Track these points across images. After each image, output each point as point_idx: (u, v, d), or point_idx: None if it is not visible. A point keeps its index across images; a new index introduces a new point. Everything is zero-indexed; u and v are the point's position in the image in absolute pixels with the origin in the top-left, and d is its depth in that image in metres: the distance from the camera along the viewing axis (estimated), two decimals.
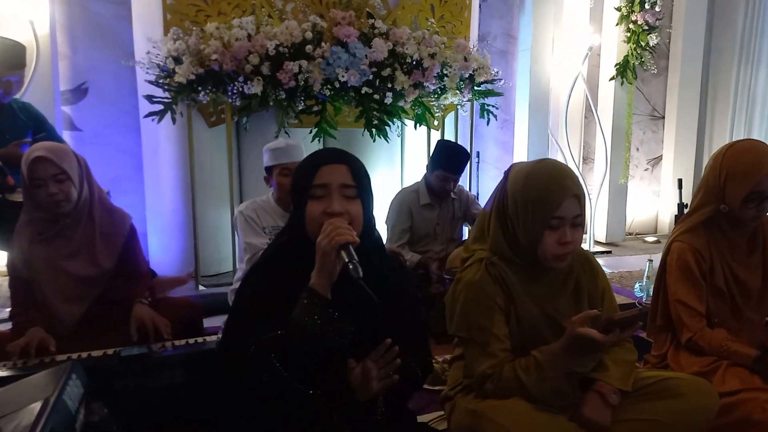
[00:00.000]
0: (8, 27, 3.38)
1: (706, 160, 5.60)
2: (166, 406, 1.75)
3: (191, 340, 1.94)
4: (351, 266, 1.13)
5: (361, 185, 1.28)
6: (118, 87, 3.93)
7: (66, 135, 3.88)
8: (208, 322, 2.49)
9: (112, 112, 4.01)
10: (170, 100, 3.09)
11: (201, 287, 3.54)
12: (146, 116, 3.15)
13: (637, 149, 5.50)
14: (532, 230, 1.42)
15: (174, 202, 3.70)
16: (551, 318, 1.49)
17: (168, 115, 3.12)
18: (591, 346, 1.35)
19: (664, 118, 5.55)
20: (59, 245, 1.98)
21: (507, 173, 1.55)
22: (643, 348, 2.06)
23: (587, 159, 5.32)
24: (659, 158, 5.62)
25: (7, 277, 2.03)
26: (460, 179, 3.28)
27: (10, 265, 2.00)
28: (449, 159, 3.06)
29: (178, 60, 3.03)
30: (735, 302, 1.86)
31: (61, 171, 1.90)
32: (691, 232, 1.86)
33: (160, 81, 3.10)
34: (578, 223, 1.43)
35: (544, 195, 1.40)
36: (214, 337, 1.97)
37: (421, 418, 1.87)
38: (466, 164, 3.16)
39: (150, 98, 3.11)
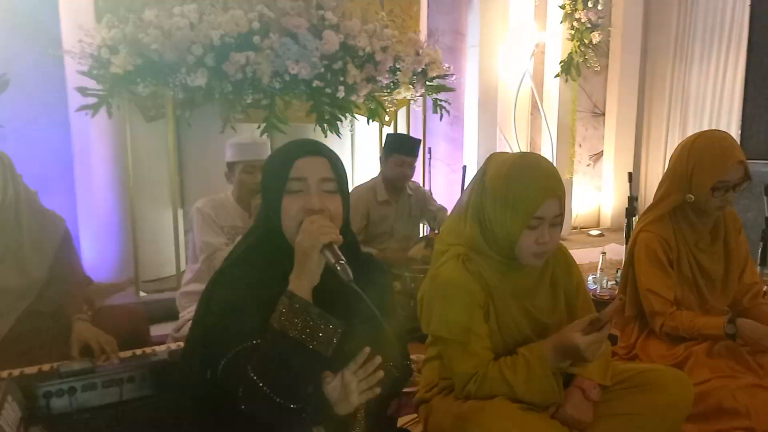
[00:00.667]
0: None
1: (644, 155, 5.82)
2: (114, 427, 1.58)
3: (138, 352, 1.77)
4: (339, 268, 1.04)
5: (340, 179, 1.18)
6: (43, 79, 3.60)
7: None
8: (154, 331, 2.31)
9: (37, 107, 3.67)
10: (106, 93, 2.86)
11: (141, 293, 3.31)
12: (78, 110, 2.90)
13: (580, 145, 5.63)
14: (511, 229, 1.37)
15: (109, 202, 3.46)
16: (529, 313, 1.45)
17: (103, 109, 2.88)
18: (575, 352, 1.33)
19: (604, 114, 5.71)
20: None
21: (485, 165, 1.48)
22: (611, 341, 2.07)
23: None
24: (600, 154, 5.78)
25: None
26: (414, 176, 3.22)
27: None
28: (401, 143, 3.05)
29: (114, 50, 2.80)
30: (700, 290, 1.90)
31: None
32: (658, 222, 1.89)
33: (95, 72, 2.86)
34: (557, 222, 1.39)
35: (525, 195, 1.35)
36: (163, 347, 1.81)
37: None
38: (419, 149, 3.11)
39: (83, 90, 2.87)
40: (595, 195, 5.84)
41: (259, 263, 1.17)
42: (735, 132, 4.65)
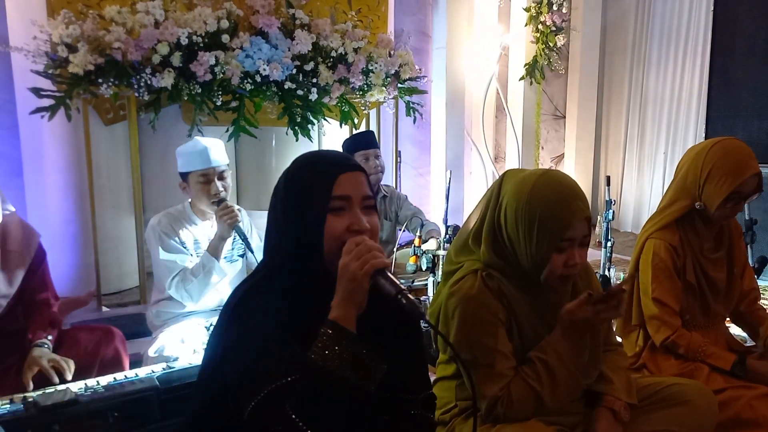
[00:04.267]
0: None
1: (603, 158, 5.94)
2: None
3: (119, 376, 1.63)
4: (404, 300, 0.95)
5: (375, 196, 1.14)
6: None
7: None
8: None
9: None
10: (63, 94, 2.66)
11: (104, 308, 3.11)
12: (33, 112, 2.69)
13: (542, 148, 5.69)
14: (537, 253, 1.31)
15: (64, 211, 3.24)
16: (553, 327, 1.39)
17: (61, 112, 2.69)
18: (585, 323, 1.31)
19: (565, 117, 5.79)
20: None
21: (500, 183, 1.41)
22: None
23: (498, 158, 5.42)
24: (561, 156, 5.87)
25: None
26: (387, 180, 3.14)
27: None
28: (358, 139, 3.01)
29: (72, 48, 2.61)
30: (704, 298, 1.87)
31: None
32: (666, 228, 1.85)
33: (51, 72, 2.66)
34: (586, 242, 1.35)
35: (553, 217, 1.29)
36: (146, 370, 1.67)
37: None
38: (375, 139, 3.08)
39: (38, 91, 2.66)
40: None
41: (283, 288, 1.06)
42: (698, 134, 4.79)
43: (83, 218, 3.22)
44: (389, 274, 0.98)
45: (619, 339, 2.06)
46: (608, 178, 3.30)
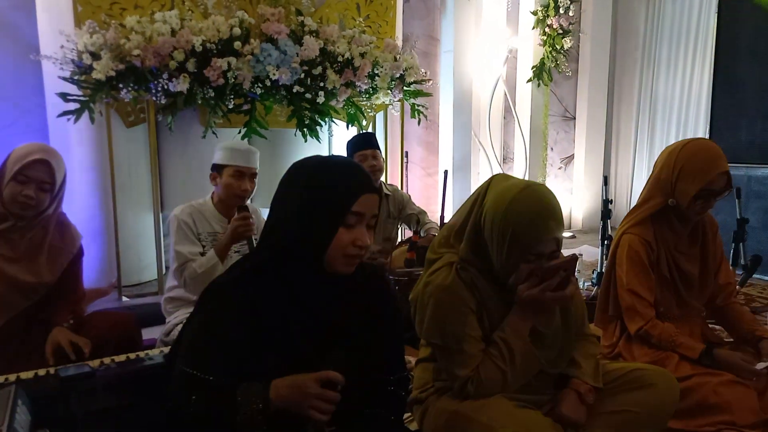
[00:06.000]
0: None
1: (614, 158, 6.00)
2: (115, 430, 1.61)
3: (132, 356, 1.80)
4: None
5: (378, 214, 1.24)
6: (20, 84, 3.56)
7: None
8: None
9: (13, 112, 3.63)
10: (87, 99, 2.86)
11: (124, 298, 3.31)
12: (60, 116, 2.90)
13: (551, 149, 5.78)
14: (506, 262, 1.41)
15: (90, 208, 3.45)
16: None
17: (86, 115, 2.89)
18: (538, 304, 1.40)
19: (575, 118, 5.87)
20: (0, 246, 1.82)
21: (487, 187, 1.50)
22: None
23: (507, 159, 5.52)
24: (571, 157, 5.94)
25: None
26: (388, 178, 3.26)
27: None
28: (357, 140, 3.11)
29: (95, 55, 2.81)
30: (678, 291, 1.97)
31: (51, 182, 1.83)
32: (641, 224, 1.96)
33: (76, 78, 2.86)
34: (555, 257, 1.42)
35: (523, 237, 1.36)
36: (156, 351, 1.84)
37: None
38: (375, 140, 3.16)
39: (65, 96, 2.87)
40: (567, 198, 5.99)
41: (267, 284, 1.16)
42: (706, 135, 4.82)
43: (106, 214, 3.42)
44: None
45: (598, 329, 2.19)
46: (605, 178, 3.41)
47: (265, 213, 3.46)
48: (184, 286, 2.25)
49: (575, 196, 5.96)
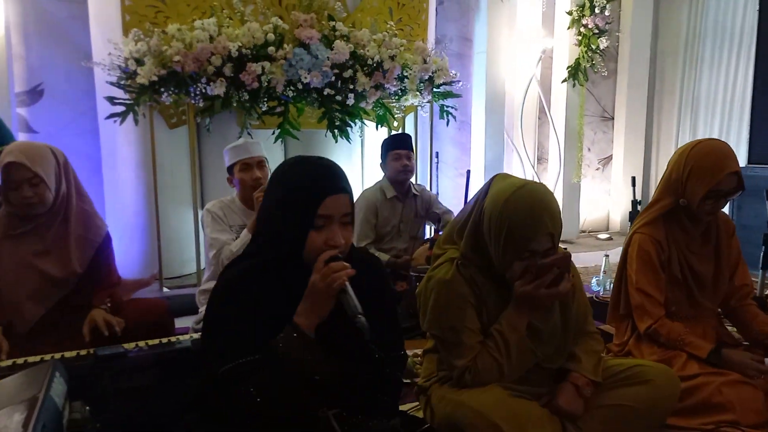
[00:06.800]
0: None
1: (654, 159, 5.88)
2: (142, 406, 1.75)
3: (164, 340, 1.95)
4: (357, 323, 1.13)
5: (354, 210, 1.27)
6: (75, 88, 3.84)
7: (22, 137, 3.78)
8: (176, 323, 2.48)
9: (69, 114, 3.92)
10: (132, 102, 3.07)
11: (165, 289, 3.52)
12: (107, 118, 3.12)
13: (589, 149, 5.72)
14: (502, 257, 1.47)
15: (135, 204, 3.67)
16: None
17: (130, 117, 3.09)
18: (532, 300, 1.44)
19: (613, 119, 5.79)
20: (31, 242, 1.96)
21: (488, 185, 1.55)
22: (603, 338, 2.18)
23: (542, 159, 5.50)
24: (609, 158, 5.86)
25: None
26: (418, 179, 3.33)
27: None
28: (393, 140, 3.25)
29: (139, 61, 3.01)
30: (690, 290, 1.98)
31: (35, 175, 1.87)
32: (652, 224, 1.98)
33: (122, 82, 3.07)
34: (549, 254, 1.46)
35: (519, 232, 1.41)
36: (186, 337, 1.98)
37: None
38: (411, 141, 3.29)
39: (111, 99, 3.08)
40: (605, 199, 5.91)
41: (268, 279, 1.23)
42: (744, 137, 4.72)
43: (150, 211, 3.64)
44: (352, 297, 1.14)
45: (612, 328, 2.21)
46: (633, 179, 3.39)
47: None
48: (221, 267, 2.42)
49: (613, 198, 5.87)
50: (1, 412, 1.18)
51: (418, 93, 3.64)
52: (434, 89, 3.78)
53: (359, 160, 4.23)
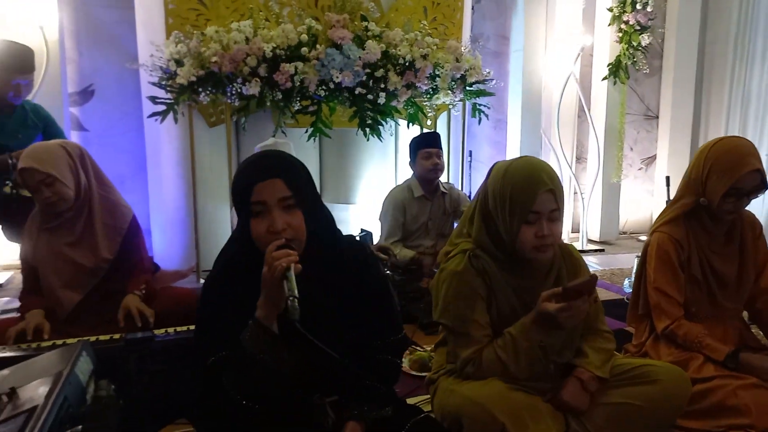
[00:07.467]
0: (21, 32, 3.53)
1: None
2: (165, 388, 1.86)
3: (191, 327, 2.05)
4: (289, 303, 1.12)
5: (298, 194, 1.25)
6: (122, 89, 4.07)
7: (74, 135, 4.03)
8: None
9: (116, 114, 4.15)
10: (172, 101, 3.22)
11: (202, 281, 3.67)
12: (149, 116, 3.28)
13: (631, 149, 5.59)
14: (510, 225, 1.49)
15: (176, 199, 3.83)
16: (530, 309, 1.54)
17: (170, 116, 3.24)
18: (552, 320, 1.44)
19: (657, 117, 5.63)
20: (62, 234, 2.10)
21: (490, 170, 1.61)
22: (622, 339, 2.15)
23: (580, 158, 5.41)
24: (653, 157, 5.70)
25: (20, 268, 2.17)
26: (449, 178, 3.35)
27: (22, 252, 2.14)
28: (421, 138, 3.29)
29: (179, 62, 3.15)
30: (711, 291, 1.95)
31: (47, 175, 1.98)
32: (672, 223, 1.96)
33: (163, 83, 3.22)
34: (555, 217, 1.49)
35: (520, 191, 1.46)
36: None
37: (408, 402, 1.97)
38: (440, 140, 3.32)
39: (153, 99, 3.24)
40: (648, 200, 5.75)
41: (240, 275, 1.28)
42: None
43: (190, 206, 3.79)
44: (292, 280, 1.14)
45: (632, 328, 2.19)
46: (667, 179, 3.31)
47: (338, 208, 3.73)
48: None
49: (656, 198, 5.71)
50: (33, 383, 1.30)
51: (449, 92, 3.65)
52: (467, 87, 3.79)
53: (393, 159, 4.27)
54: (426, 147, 3.23)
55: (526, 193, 1.46)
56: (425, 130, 3.86)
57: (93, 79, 4.09)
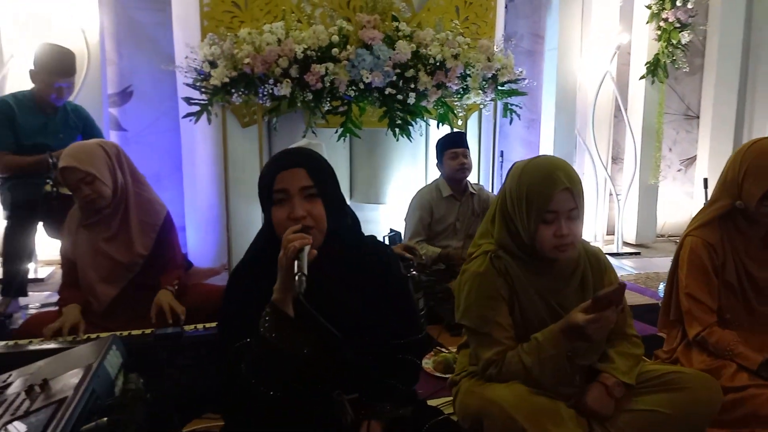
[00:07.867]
0: (63, 35, 3.66)
1: None
2: (193, 383, 1.91)
3: None
4: (296, 279, 1.12)
5: (320, 184, 1.28)
6: (160, 90, 4.18)
7: (113, 135, 4.16)
8: None
9: (154, 114, 4.26)
10: (206, 102, 3.29)
11: None
12: (184, 117, 3.35)
13: (670, 149, 5.44)
14: (528, 225, 1.48)
15: (210, 198, 3.91)
16: (554, 311, 1.54)
17: (204, 116, 3.31)
18: (581, 332, 1.41)
19: (698, 117, 5.46)
20: (100, 230, 2.19)
21: (509, 171, 1.62)
22: (655, 344, 2.10)
23: (616, 159, 5.29)
24: (693, 159, 5.54)
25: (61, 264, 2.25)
26: (479, 178, 3.32)
27: (62, 248, 2.23)
28: (447, 139, 3.29)
29: (213, 64, 3.22)
30: (747, 297, 1.88)
31: (87, 174, 2.06)
32: (706, 226, 1.90)
33: (197, 84, 3.30)
34: (574, 216, 1.47)
35: (536, 190, 1.46)
36: None
37: (431, 403, 1.97)
38: (465, 139, 3.34)
39: (188, 100, 3.32)
40: (687, 202, 5.59)
41: (264, 267, 1.29)
42: None
43: (223, 204, 3.87)
44: (304, 260, 1.14)
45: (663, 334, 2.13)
46: (705, 180, 3.21)
47: (367, 208, 3.74)
48: None
49: (696, 201, 5.54)
50: (65, 375, 1.35)
51: (480, 91, 3.62)
52: (498, 87, 3.75)
53: (423, 159, 4.27)
54: (452, 147, 3.22)
55: (542, 192, 1.45)
56: (455, 130, 3.84)
57: (131, 80, 4.21)
